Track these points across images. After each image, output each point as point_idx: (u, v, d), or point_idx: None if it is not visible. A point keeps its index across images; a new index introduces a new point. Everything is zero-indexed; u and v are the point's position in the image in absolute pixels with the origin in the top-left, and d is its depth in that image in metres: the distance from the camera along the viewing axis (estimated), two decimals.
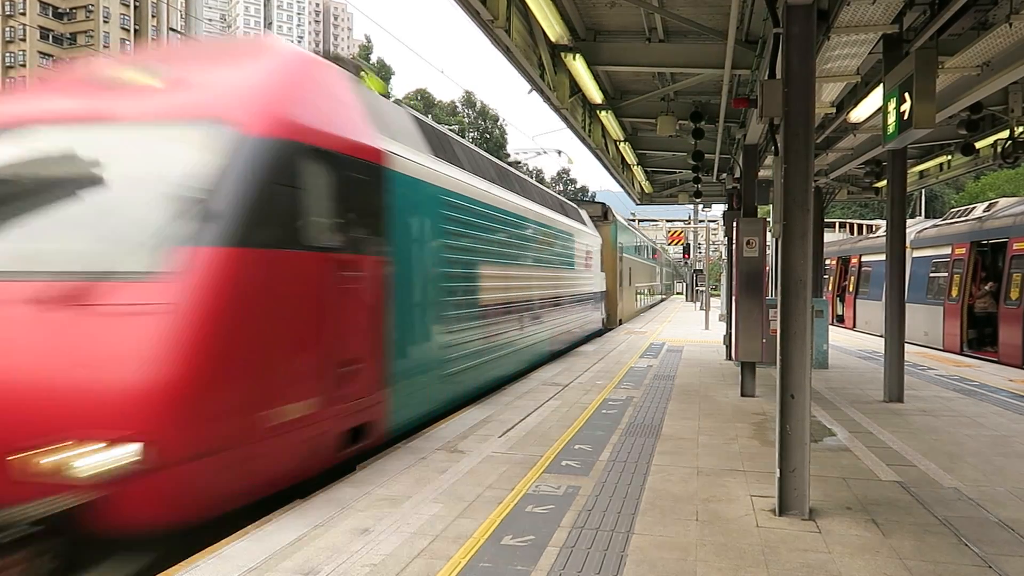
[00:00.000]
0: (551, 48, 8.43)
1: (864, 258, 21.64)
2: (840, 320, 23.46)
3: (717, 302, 30.03)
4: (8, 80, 70.74)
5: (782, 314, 4.69)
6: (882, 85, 6.39)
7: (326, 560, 3.84)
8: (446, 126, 15.40)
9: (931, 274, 16.70)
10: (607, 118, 11.51)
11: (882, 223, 24.52)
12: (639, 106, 11.47)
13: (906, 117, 5.41)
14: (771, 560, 3.88)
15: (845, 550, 4.03)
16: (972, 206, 17.22)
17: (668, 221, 68.43)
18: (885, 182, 11.72)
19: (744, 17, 7.42)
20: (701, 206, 30.51)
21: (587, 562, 3.82)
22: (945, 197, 50.81)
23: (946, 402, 8.75)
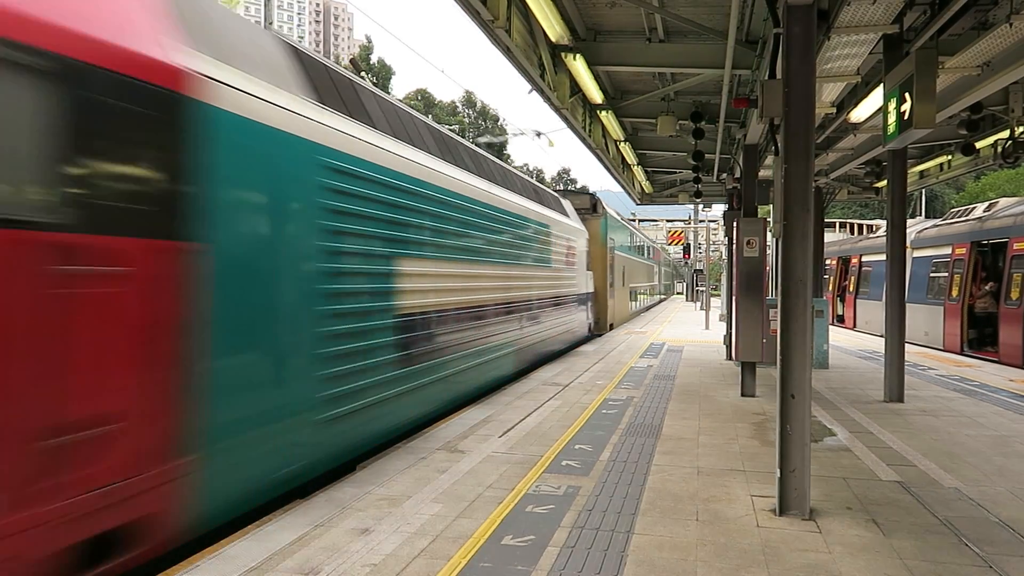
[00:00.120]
0: (551, 48, 8.43)
1: (864, 258, 21.64)
2: (840, 320, 23.47)
3: (717, 302, 30.05)
4: None
5: (782, 314, 4.70)
6: (882, 85, 6.40)
7: (326, 560, 3.84)
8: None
9: (931, 274, 16.70)
10: (607, 118, 11.51)
11: (882, 223, 24.53)
12: (639, 106, 11.49)
13: (906, 117, 5.42)
14: (771, 560, 3.88)
15: (845, 550, 4.03)
16: (972, 206, 17.22)
17: (668, 221, 68.45)
18: (885, 182, 11.74)
19: (744, 17, 7.43)
20: (701, 206, 30.49)
21: (587, 562, 3.82)
22: (945, 197, 50.82)
23: (946, 402, 8.75)
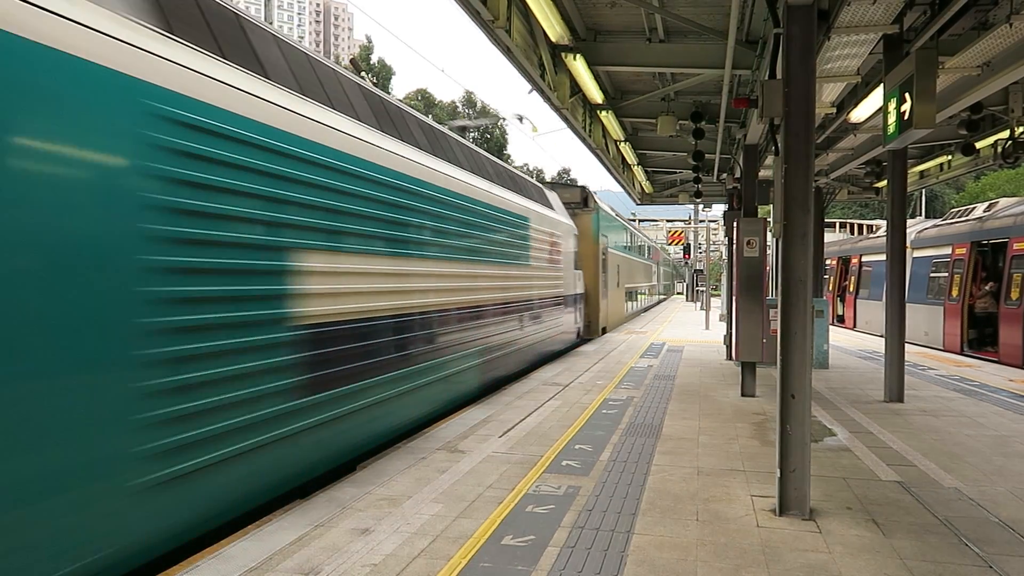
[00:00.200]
0: (551, 48, 8.43)
1: (864, 258, 21.64)
2: (840, 320, 23.47)
3: (717, 302, 30.05)
4: None
5: (782, 314, 4.70)
6: (882, 85, 6.39)
7: (326, 560, 3.84)
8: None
9: (931, 274, 16.70)
10: (607, 118, 11.51)
11: (882, 223, 24.55)
12: (639, 106, 11.49)
13: (906, 117, 5.41)
14: (771, 560, 3.88)
15: (846, 550, 4.03)
16: (972, 206, 17.22)
17: (668, 221, 68.44)
18: (885, 182, 11.74)
19: (744, 17, 7.43)
20: (701, 206, 30.46)
21: (587, 562, 3.83)
22: (945, 197, 50.81)
23: (946, 402, 8.75)
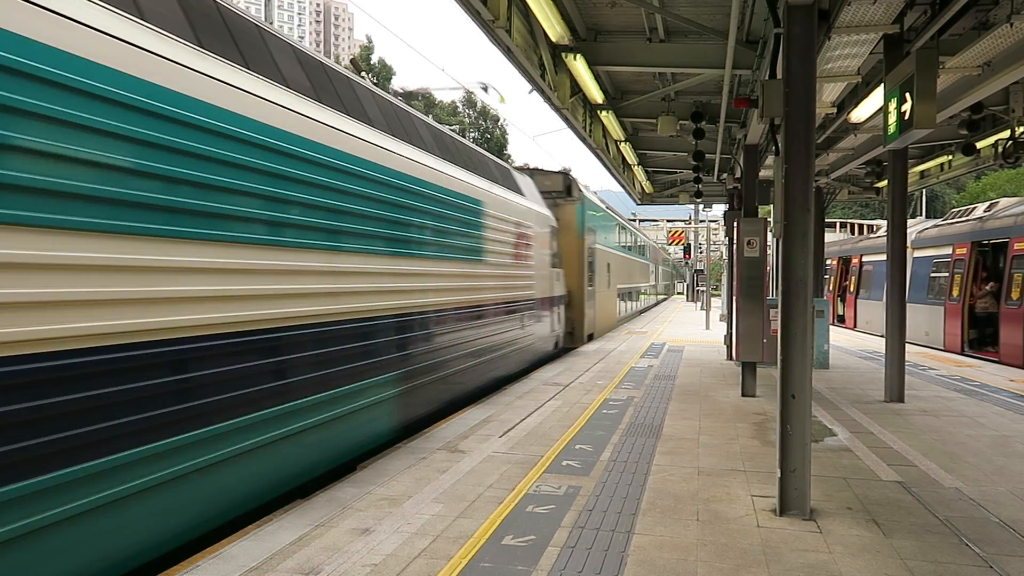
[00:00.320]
0: (552, 48, 8.43)
1: (865, 258, 21.63)
2: (841, 320, 23.47)
3: (718, 302, 30.05)
4: None
5: (783, 314, 4.70)
6: (883, 85, 6.39)
7: (327, 560, 3.84)
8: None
9: (932, 274, 16.69)
10: (608, 118, 11.51)
11: (883, 223, 24.54)
12: (640, 106, 11.49)
13: (907, 117, 5.41)
14: (772, 560, 3.88)
15: (846, 550, 4.03)
16: (973, 206, 17.22)
17: (669, 221, 68.42)
18: (886, 182, 11.74)
19: (745, 17, 7.43)
20: (702, 206, 30.48)
21: (588, 562, 3.82)
22: (946, 197, 50.79)
23: (947, 402, 8.75)
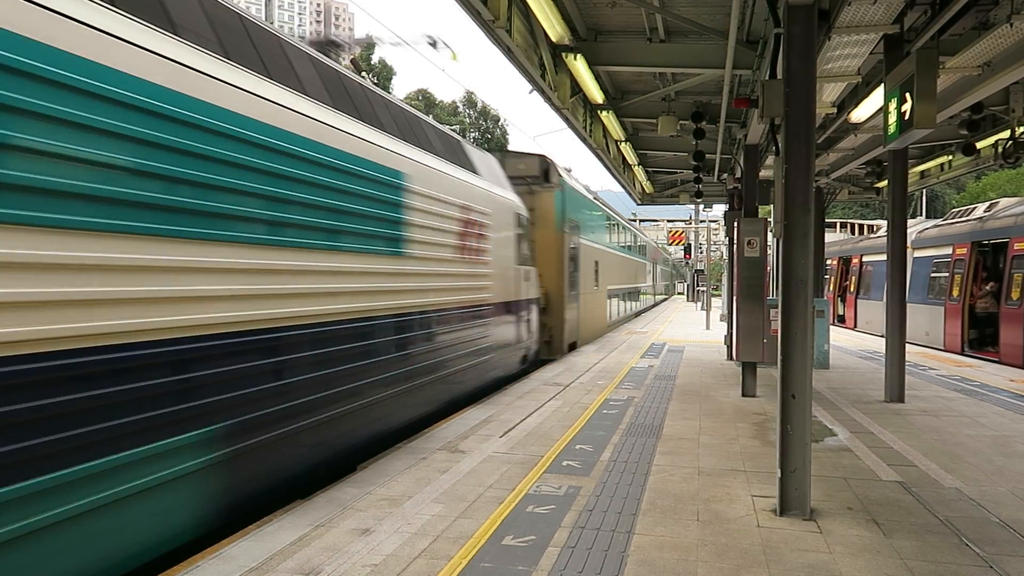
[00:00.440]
0: (552, 48, 8.43)
1: (865, 258, 21.63)
2: (841, 320, 23.47)
3: (718, 302, 30.04)
4: None
5: (783, 314, 4.69)
6: (883, 85, 6.39)
7: (327, 560, 3.84)
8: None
9: (932, 274, 16.69)
10: (608, 118, 11.51)
11: (883, 223, 24.53)
12: (640, 106, 11.49)
13: (907, 117, 5.41)
14: (772, 560, 3.88)
15: (846, 550, 4.03)
16: (973, 206, 17.22)
17: (669, 221, 68.41)
18: (886, 182, 11.73)
19: (745, 17, 7.43)
20: (702, 206, 30.48)
21: (588, 562, 3.82)
22: (946, 197, 50.77)
23: (947, 402, 8.74)
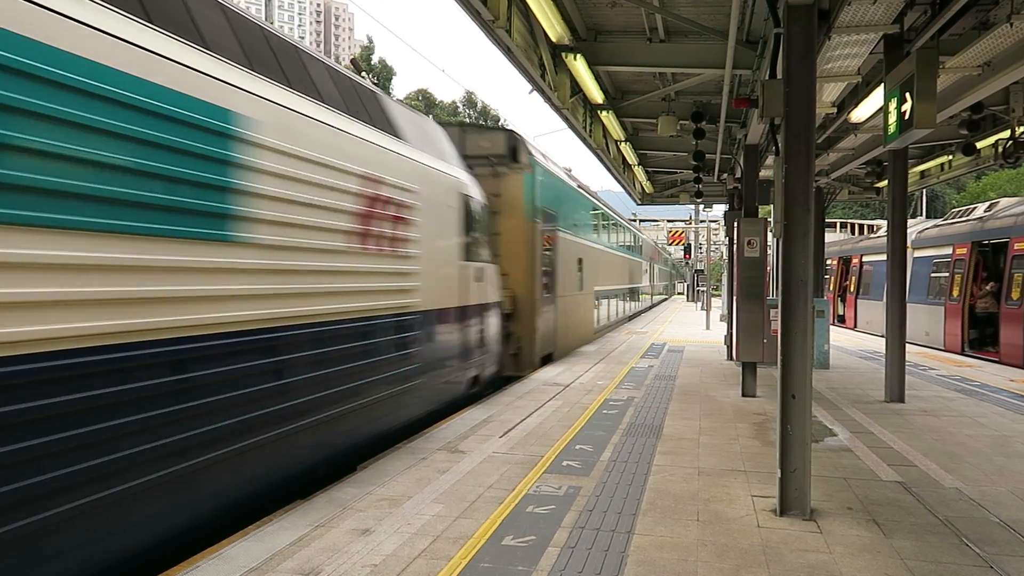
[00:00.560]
0: (552, 48, 8.43)
1: (865, 258, 21.63)
2: (841, 320, 23.46)
3: (718, 302, 30.04)
4: None
5: (783, 314, 4.69)
6: (883, 85, 6.39)
7: (327, 560, 3.84)
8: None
9: (932, 274, 16.69)
10: (608, 118, 11.51)
11: (883, 223, 24.53)
12: (640, 106, 11.49)
13: (907, 117, 5.41)
14: (772, 560, 3.88)
15: (846, 550, 4.03)
16: (973, 206, 17.22)
17: (669, 221, 68.44)
18: (886, 182, 11.73)
19: (745, 17, 7.43)
20: (702, 206, 30.51)
21: (588, 562, 3.82)
22: (946, 197, 50.75)
23: (947, 402, 8.74)
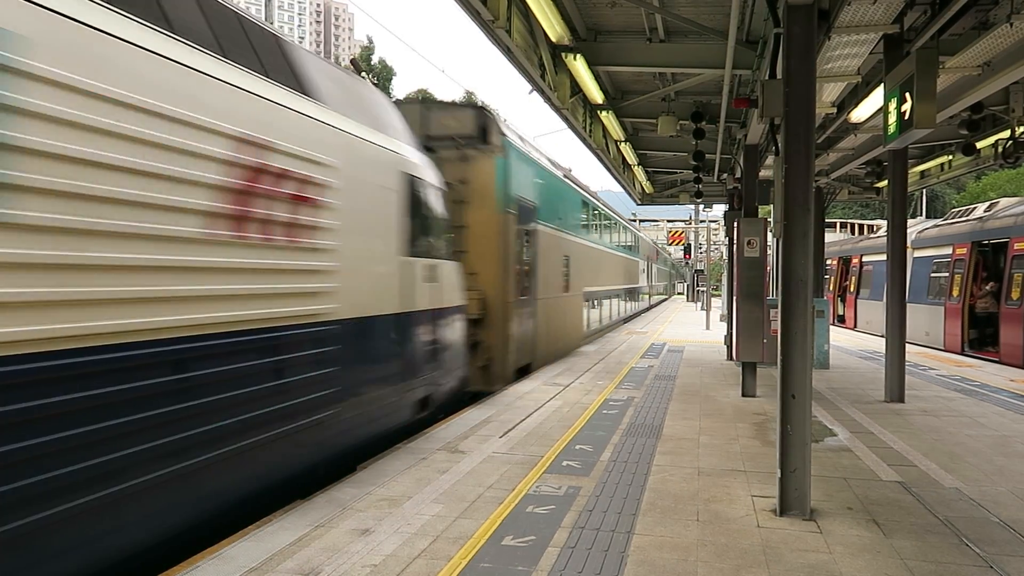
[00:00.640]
0: (552, 48, 8.43)
1: (865, 258, 21.63)
2: (841, 320, 23.46)
3: (718, 302, 30.04)
4: None
5: (783, 314, 4.69)
6: (883, 85, 6.39)
7: (327, 560, 3.84)
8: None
9: (932, 274, 16.69)
10: (608, 118, 11.51)
11: (883, 223, 24.53)
12: (640, 106, 11.50)
13: (907, 117, 5.41)
14: (772, 560, 3.88)
15: (846, 550, 4.03)
16: (973, 206, 17.22)
17: (669, 221, 68.48)
18: (886, 182, 11.74)
19: (745, 17, 7.43)
20: (702, 206, 30.49)
21: (588, 562, 3.82)
22: (946, 197, 50.75)
23: (947, 402, 8.74)
